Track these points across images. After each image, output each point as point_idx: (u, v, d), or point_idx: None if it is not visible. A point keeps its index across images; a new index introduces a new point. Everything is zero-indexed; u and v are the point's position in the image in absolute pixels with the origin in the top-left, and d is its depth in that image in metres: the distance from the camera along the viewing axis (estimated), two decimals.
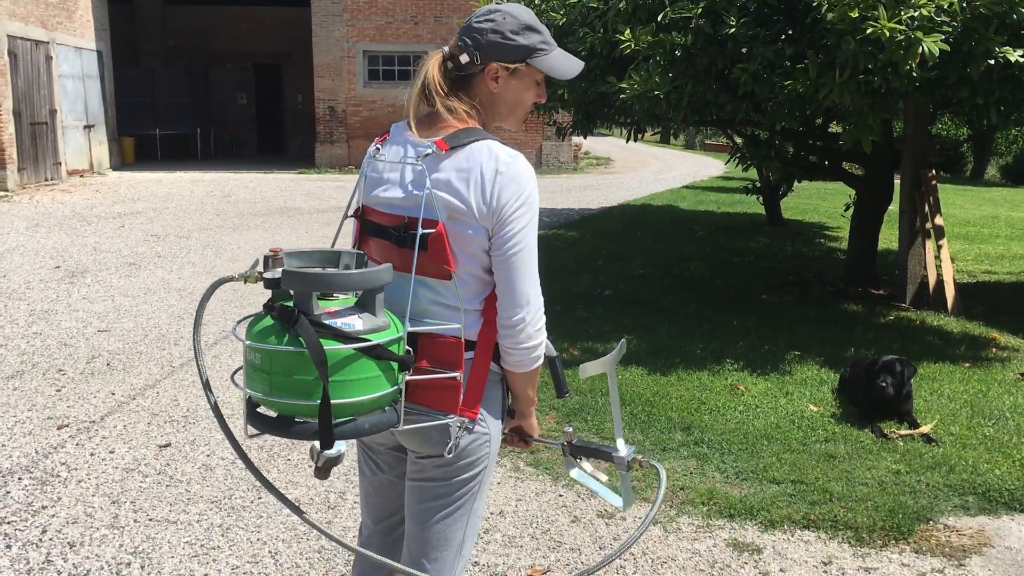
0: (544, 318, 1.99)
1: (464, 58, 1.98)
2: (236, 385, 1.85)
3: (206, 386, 1.97)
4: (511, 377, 2.05)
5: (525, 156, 2.02)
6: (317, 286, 1.77)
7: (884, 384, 4.68)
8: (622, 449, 2.14)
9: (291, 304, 1.79)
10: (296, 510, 1.97)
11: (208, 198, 15.40)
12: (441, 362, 1.94)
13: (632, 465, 2.13)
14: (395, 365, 1.82)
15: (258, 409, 1.86)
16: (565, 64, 2.08)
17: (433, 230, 1.90)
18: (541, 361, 2.02)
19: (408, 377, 1.88)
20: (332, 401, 1.72)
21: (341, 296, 1.86)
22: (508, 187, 1.89)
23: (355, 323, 1.77)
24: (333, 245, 2.07)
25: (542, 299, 1.98)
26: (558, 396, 2.25)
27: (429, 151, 1.93)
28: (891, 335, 6.64)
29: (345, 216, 2.16)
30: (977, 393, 5.30)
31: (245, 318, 1.90)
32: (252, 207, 14.27)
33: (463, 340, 1.94)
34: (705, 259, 10.11)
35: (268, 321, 1.79)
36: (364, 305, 1.82)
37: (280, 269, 1.78)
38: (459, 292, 1.93)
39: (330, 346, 1.72)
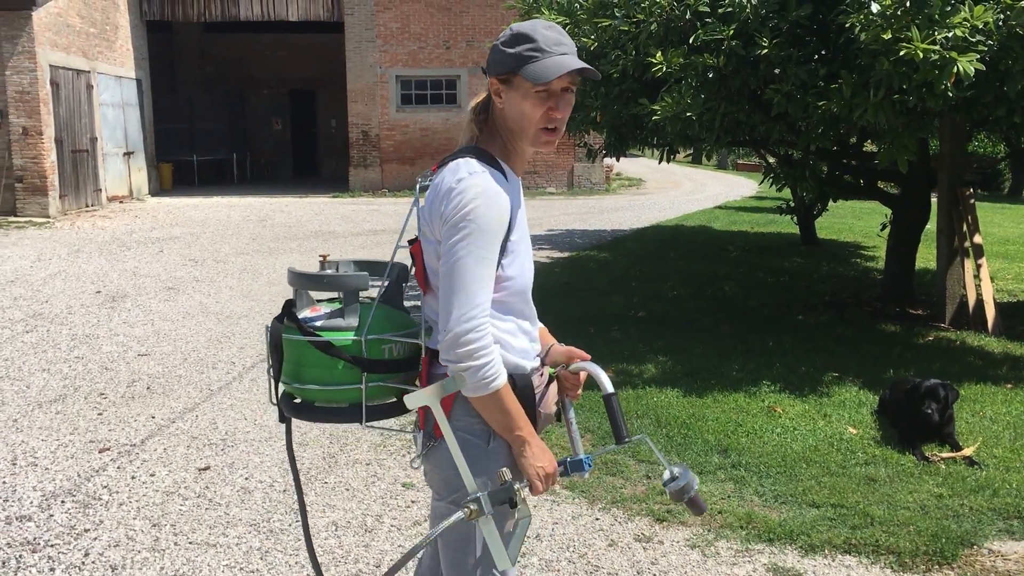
0: (475, 345, 1.84)
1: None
2: (268, 369, 2.12)
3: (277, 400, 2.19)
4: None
5: (556, 177, 2.06)
6: (298, 284, 2.07)
7: (929, 411, 4.61)
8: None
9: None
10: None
11: (244, 222, 15.61)
12: (421, 374, 2.05)
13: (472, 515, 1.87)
14: (341, 364, 1.95)
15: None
16: (550, 66, 1.90)
17: (410, 246, 2.06)
18: (487, 391, 1.88)
19: (394, 384, 2.02)
20: (290, 382, 2.03)
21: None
22: (454, 200, 1.88)
23: (317, 320, 2.03)
24: (392, 259, 2.15)
25: (472, 324, 1.85)
26: (617, 443, 2.02)
27: (431, 173, 2.04)
28: (930, 355, 6.55)
29: (401, 236, 2.15)
30: (1020, 415, 5.21)
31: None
32: (288, 231, 14.43)
33: (426, 355, 2.02)
34: (739, 279, 10.05)
35: None
36: (344, 307, 2.03)
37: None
38: (431, 306, 2.02)
39: (288, 335, 2.01)
